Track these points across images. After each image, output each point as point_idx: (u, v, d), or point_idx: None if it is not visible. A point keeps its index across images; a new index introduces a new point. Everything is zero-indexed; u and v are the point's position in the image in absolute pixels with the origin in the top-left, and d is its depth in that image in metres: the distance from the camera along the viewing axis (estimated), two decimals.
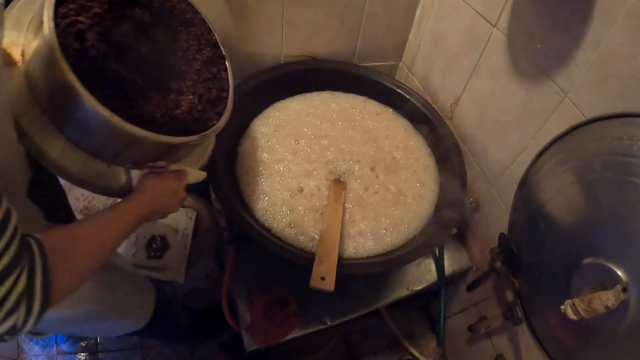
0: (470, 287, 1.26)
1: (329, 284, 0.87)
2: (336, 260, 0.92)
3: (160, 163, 0.73)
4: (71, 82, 0.56)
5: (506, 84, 1.01)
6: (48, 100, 0.62)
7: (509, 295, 1.04)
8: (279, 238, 1.02)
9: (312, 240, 1.03)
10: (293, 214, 1.07)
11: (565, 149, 0.85)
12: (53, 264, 0.48)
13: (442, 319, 1.40)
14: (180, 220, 1.47)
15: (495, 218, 1.13)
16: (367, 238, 1.05)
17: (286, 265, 1.12)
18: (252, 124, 1.25)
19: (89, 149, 0.67)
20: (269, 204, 1.08)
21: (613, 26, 0.73)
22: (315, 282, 0.88)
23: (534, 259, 0.96)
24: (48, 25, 0.57)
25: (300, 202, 1.09)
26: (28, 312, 0.44)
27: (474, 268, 1.27)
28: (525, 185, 0.97)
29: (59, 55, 0.56)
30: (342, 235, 1.03)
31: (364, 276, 1.17)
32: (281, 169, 1.14)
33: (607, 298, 0.72)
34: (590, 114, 0.81)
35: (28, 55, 0.62)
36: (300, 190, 1.11)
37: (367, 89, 1.34)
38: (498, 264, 1.08)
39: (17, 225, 0.43)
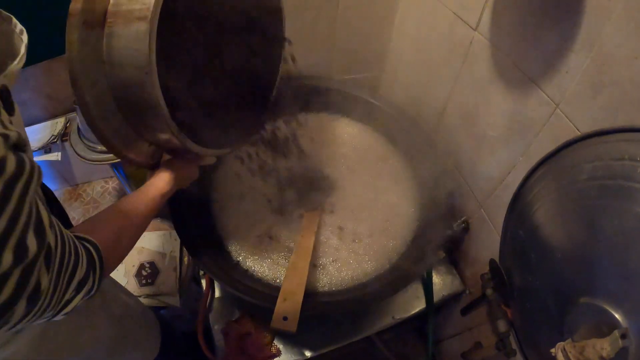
0: (464, 312, 1.11)
1: (292, 325, 0.74)
2: (301, 298, 0.78)
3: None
4: (157, 99, 0.57)
5: (491, 94, 0.85)
6: (122, 85, 0.59)
7: (501, 326, 0.90)
8: (245, 271, 0.89)
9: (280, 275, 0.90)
10: (263, 246, 0.95)
11: (557, 169, 0.69)
12: (106, 263, 0.54)
13: (429, 349, 1.23)
14: (166, 243, 1.35)
15: (486, 241, 0.97)
16: (342, 269, 0.91)
17: None
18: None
19: (140, 135, 0.68)
20: (239, 236, 0.96)
21: (608, 23, 0.57)
22: (276, 323, 0.74)
23: (525, 290, 0.80)
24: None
25: (272, 235, 0.97)
26: (88, 292, 0.51)
27: (467, 292, 1.11)
28: (515, 208, 0.81)
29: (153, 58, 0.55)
30: (314, 267, 0.89)
31: (336, 314, 1.03)
32: (252, 197, 1.01)
33: (602, 347, 0.57)
34: (585, 128, 0.65)
35: (117, 24, 0.56)
36: (270, 227, 0.99)
37: (343, 105, 1.18)
38: (489, 291, 0.93)
39: (83, 251, 0.49)
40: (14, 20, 0.55)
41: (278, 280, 0.90)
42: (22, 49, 0.51)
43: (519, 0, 0.72)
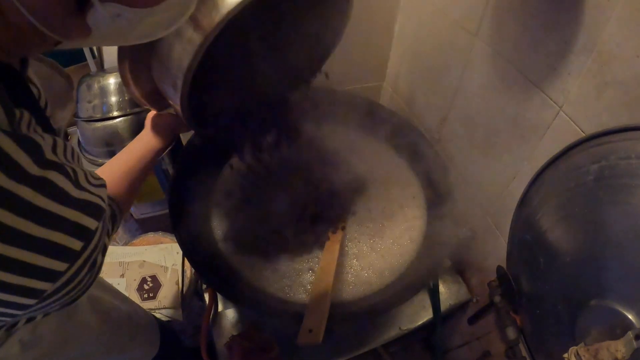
0: (471, 321, 1.10)
1: (316, 336, 0.73)
2: (327, 309, 0.77)
3: None
4: (182, 95, 0.63)
5: (494, 99, 0.86)
6: (159, 62, 0.65)
7: (511, 333, 0.89)
8: (249, 284, 0.89)
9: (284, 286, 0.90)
10: (266, 258, 0.94)
11: (563, 172, 0.69)
12: (124, 211, 0.68)
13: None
14: (168, 256, 1.35)
15: (492, 248, 0.96)
16: (350, 281, 0.91)
17: None
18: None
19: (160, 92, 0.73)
20: (242, 248, 0.96)
21: (608, 23, 0.58)
22: (302, 338, 0.73)
23: (534, 295, 0.80)
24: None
25: (274, 246, 0.96)
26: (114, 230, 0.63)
27: (474, 300, 1.10)
28: (521, 213, 0.80)
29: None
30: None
31: (348, 324, 1.02)
32: (255, 207, 1.01)
33: (617, 349, 0.57)
34: (590, 129, 0.65)
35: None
36: (272, 237, 0.98)
37: (345, 115, 1.16)
38: (497, 298, 0.92)
39: (109, 212, 0.59)
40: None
41: (280, 293, 0.90)
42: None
43: (518, 4, 0.73)
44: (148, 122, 0.81)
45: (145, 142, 0.78)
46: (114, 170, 0.71)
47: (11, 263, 0.36)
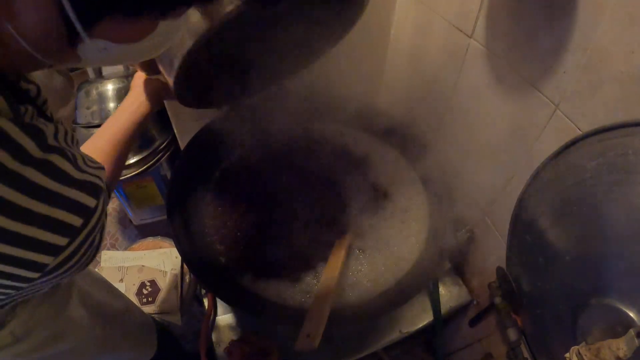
0: (472, 323, 1.09)
1: (313, 342, 0.73)
2: (327, 315, 0.77)
3: None
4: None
5: (490, 100, 0.85)
6: None
7: (512, 334, 0.89)
8: (249, 289, 0.88)
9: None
10: (279, 264, 0.94)
11: (560, 170, 0.69)
12: (111, 189, 0.71)
13: None
14: (167, 261, 1.34)
15: (492, 249, 0.96)
16: (350, 284, 0.91)
17: None
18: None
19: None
20: (240, 252, 0.95)
21: (603, 20, 0.57)
22: (300, 344, 0.73)
23: (535, 296, 0.79)
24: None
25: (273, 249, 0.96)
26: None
27: (475, 302, 1.09)
28: (520, 213, 0.80)
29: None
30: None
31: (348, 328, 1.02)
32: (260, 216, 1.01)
33: (618, 347, 0.56)
34: (586, 127, 0.64)
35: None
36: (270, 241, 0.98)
37: (343, 119, 1.17)
38: (498, 299, 0.92)
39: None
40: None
41: (281, 298, 0.89)
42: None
43: (512, 4, 0.73)
44: (138, 86, 0.82)
45: (135, 109, 0.78)
46: (97, 147, 0.71)
47: (17, 237, 0.39)
